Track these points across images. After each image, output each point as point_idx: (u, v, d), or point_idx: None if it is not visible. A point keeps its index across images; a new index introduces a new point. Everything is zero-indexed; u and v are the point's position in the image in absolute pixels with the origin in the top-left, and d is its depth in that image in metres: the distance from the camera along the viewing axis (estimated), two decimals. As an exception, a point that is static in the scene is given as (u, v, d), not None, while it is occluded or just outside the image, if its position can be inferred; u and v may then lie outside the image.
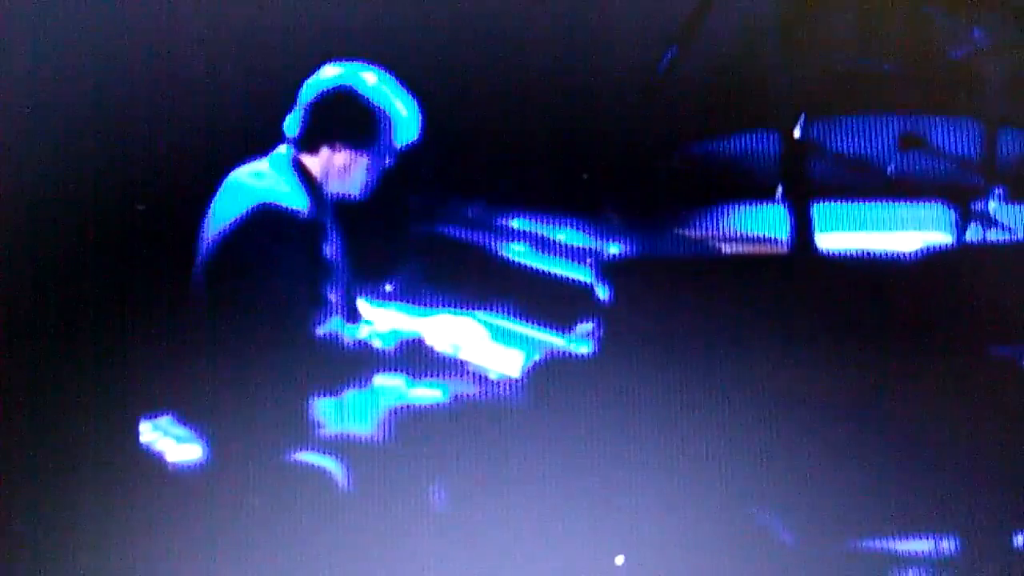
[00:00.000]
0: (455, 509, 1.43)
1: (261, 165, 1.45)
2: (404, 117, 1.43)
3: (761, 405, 1.42)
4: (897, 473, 1.42)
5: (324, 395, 1.43)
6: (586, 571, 1.42)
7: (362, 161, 1.44)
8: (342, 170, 1.45)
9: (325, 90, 1.44)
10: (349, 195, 1.45)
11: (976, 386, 1.42)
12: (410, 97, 1.43)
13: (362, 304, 1.47)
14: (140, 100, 1.46)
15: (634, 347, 1.42)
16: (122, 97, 1.46)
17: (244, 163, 1.45)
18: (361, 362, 1.44)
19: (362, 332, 1.45)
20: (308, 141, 1.45)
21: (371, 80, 1.44)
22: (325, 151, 1.45)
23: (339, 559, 1.42)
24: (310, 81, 1.44)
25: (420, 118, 1.43)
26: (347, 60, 1.45)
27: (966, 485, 1.41)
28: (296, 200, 1.43)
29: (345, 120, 1.44)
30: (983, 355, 1.43)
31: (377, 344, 1.44)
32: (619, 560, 1.42)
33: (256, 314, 1.41)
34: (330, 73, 1.44)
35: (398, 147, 1.44)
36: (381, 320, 1.46)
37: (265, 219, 1.43)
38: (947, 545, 1.42)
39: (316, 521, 1.42)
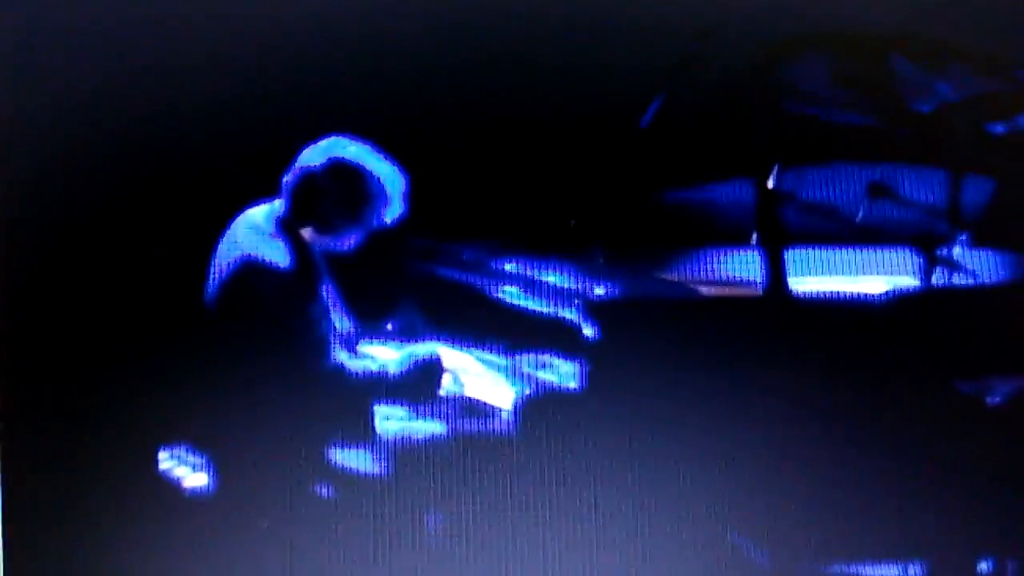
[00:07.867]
0: (452, 534, 1.47)
1: (259, 214, 1.49)
2: (392, 192, 1.48)
3: (735, 435, 1.46)
4: (867, 501, 1.45)
5: (330, 426, 1.48)
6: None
7: (351, 231, 1.49)
8: (330, 237, 1.49)
9: (313, 166, 1.49)
10: (338, 250, 1.50)
11: (942, 418, 1.46)
12: (399, 172, 1.48)
13: (363, 342, 1.50)
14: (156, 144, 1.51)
15: (618, 381, 1.47)
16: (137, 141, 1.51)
17: (252, 205, 1.49)
18: (364, 395, 1.48)
19: (365, 367, 1.49)
20: (297, 210, 1.49)
21: (359, 153, 1.49)
22: (312, 221, 1.49)
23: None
24: (311, 149, 1.49)
25: (408, 190, 1.47)
26: (338, 131, 1.49)
27: (933, 513, 1.45)
28: (281, 256, 1.48)
29: (332, 197, 1.49)
30: (948, 390, 1.47)
31: (379, 378, 1.49)
32: (605, 583, 1.46)
33: (262, 353, 1.47)
34: (322, 146, 1.49)
35: (386, 221, 1.48)
36: (383, 357, 1.50)
37: (251, 273, 1.47)
38: (914, 571, 1.45)
39: (318, 544, 1.47)
